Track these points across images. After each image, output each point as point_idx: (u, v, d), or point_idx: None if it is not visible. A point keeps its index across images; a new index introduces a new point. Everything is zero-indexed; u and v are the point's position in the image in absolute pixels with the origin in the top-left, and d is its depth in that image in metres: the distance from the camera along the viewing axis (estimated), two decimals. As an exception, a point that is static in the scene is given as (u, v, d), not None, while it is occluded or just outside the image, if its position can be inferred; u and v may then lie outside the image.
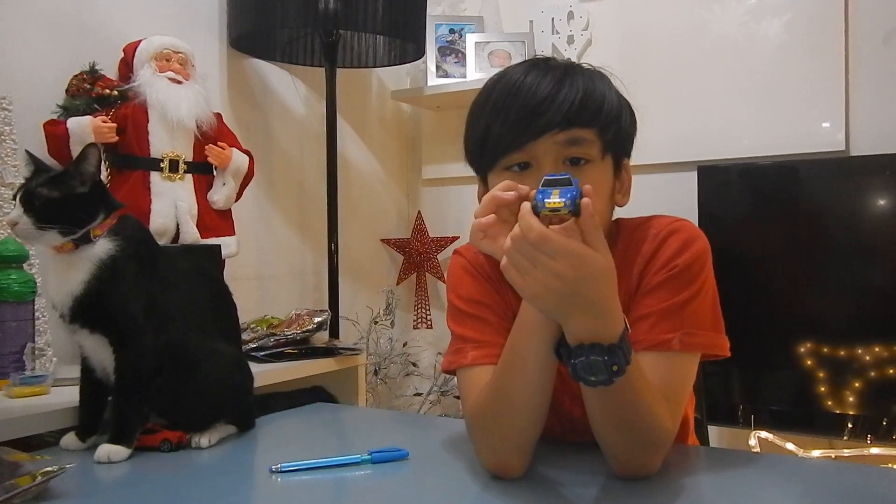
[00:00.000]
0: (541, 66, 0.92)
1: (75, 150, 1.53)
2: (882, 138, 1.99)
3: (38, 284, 1.35)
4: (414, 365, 2.49)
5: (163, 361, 1.06)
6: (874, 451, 1.55)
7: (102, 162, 1.57)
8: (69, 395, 1.22)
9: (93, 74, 1.63)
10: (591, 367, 0.75)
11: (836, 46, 2.03)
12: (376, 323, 2.34)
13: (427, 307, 2.66)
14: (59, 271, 1.02)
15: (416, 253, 2.64)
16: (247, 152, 1.76)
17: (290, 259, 2.26)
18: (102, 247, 1.02)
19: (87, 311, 1.02)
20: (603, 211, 0.94)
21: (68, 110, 1.58)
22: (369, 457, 0.99)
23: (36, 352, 1.32)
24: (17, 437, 1.06)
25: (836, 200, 1.95)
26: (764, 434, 1.63)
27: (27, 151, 1.08)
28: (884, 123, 1.99)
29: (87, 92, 1.61)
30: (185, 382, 1.08)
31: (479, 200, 1.04)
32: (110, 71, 1.68)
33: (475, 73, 2.40)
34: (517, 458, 0.90)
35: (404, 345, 2.54)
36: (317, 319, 1.65)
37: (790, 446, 1.62)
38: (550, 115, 0.88)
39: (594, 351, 0.75)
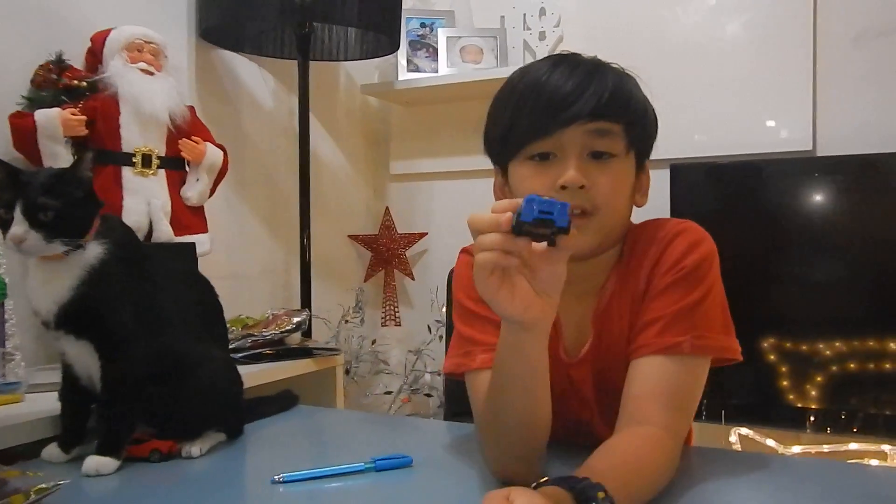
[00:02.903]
0: (569, 60, 0.92)
1: (43, 144, 1.46)
2: (848, 139, 2.05)
3: (6, 286, 1.28)
4: (385, 363, 2.47)
5: (153, 368, 1.01)
6: (853, 446, 1.59)
7: (73, 156, 1.50)
8: (46, 403, 1.17)
9: (59, 65, 1.56)
10: None
11: (804, 47, 2.08)
12: (346, 322, 2.30)
13: (395, 304, 2.64)
14: (43, 277, 0.97)
15: (385, 249, 2.61)
16: (220, 147, 1.71)
17: (260, 257, 2.21)
18: (92, 251, 0.97)
19: (74, 317, 0.97)
20: (622, 207, 0.94)
21: (34, 102, 1.50)
22: (373, 464, 0.96)
23: (6, 357, 1.26)
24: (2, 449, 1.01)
25: (802, 200, 2.00)
26: (744, 431, 1.66)
27: None
28: (850, 124, 2.05)
29: (54, 83, 1.54)
30: (176, 389, 1.04)
31: (496, 194, 1.03)
32: (76, 61, 1.61)
33: (447, 68, 2.39)
34: (521, 466, 0.88)
35: (373, 343, 2.51)
36: (296, 319, 1.61)
37: (770, 443, 1.66)
38: (580, 105, 0.88)
39: None
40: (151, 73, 1.58)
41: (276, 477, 0.92)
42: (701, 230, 0.96)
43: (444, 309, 2.38)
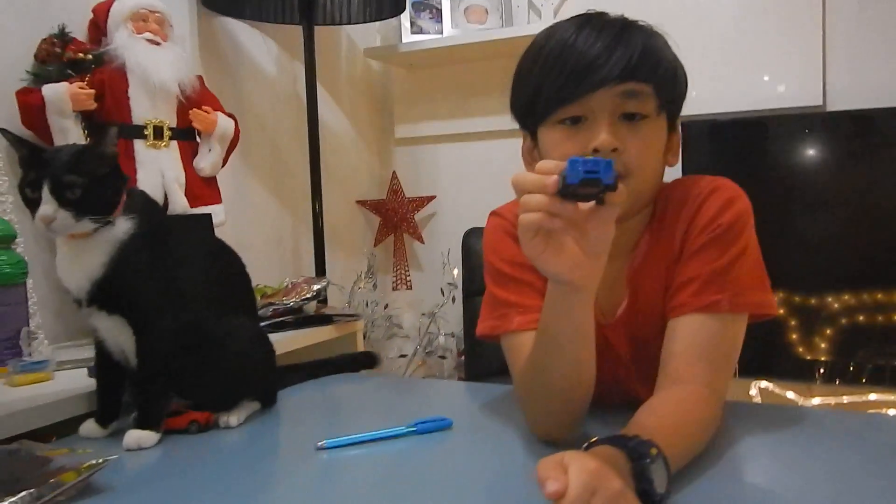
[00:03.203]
0: (595, 21, 0.90)
1: (52, 120, 1.44)
2: (859, 94, 2.02)
3: (27, 265, 1.27)
4: (399, 327, 2.47)
5: (185, 340, 1.01)
6: (873, 397, 1.61)
7: (82, 130, 1.48)
8: (75, 380, 1.17)
9: (63, 38, 1.53)
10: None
11: (813, 1, 2.05)
12: (360, 287, 2.30)
13: (406, 268, 2.63)
14: (73, 255, 0.96)
15: (393, 214, 2.60)
16: (231, 116, 1.69)
17: (268, 225, 2.19)
18: (121, 227, 0.96)
19: (106, 293, 0.96)
20: (655, 169, 0.93)
21: (40, 77, 1.47)
22: (414, 427, 0.97)
23: (30, 335, 1.26)
24: (32, 429, 1.01)
25: (812, 155, 1.99)
26: (764, 384, 1.67)
27: (6, 131, 0.98)
28: (860, 79, 2.03)
29: (59, 57, 1.51)
30: (209, 361, 1.04)
31: (524, 158, 1.02)
32: (79, 34, 1.58)
33: (451, 29, 2.35)
34: (563, 428, 0.89)
35: (385, 307, 2.52)
36: (315, 287, 1.61)
37: (790, 395, 1.67)
38: (609, 67, 0.86)
39: None
40: (158, 44, 1.56)
41: (319, 444, 0.93)
42: (735, 187, 0.95)
43: (455, 271, 2.39)
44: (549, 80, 0.90)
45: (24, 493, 0.75)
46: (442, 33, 2.36)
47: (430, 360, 2.46)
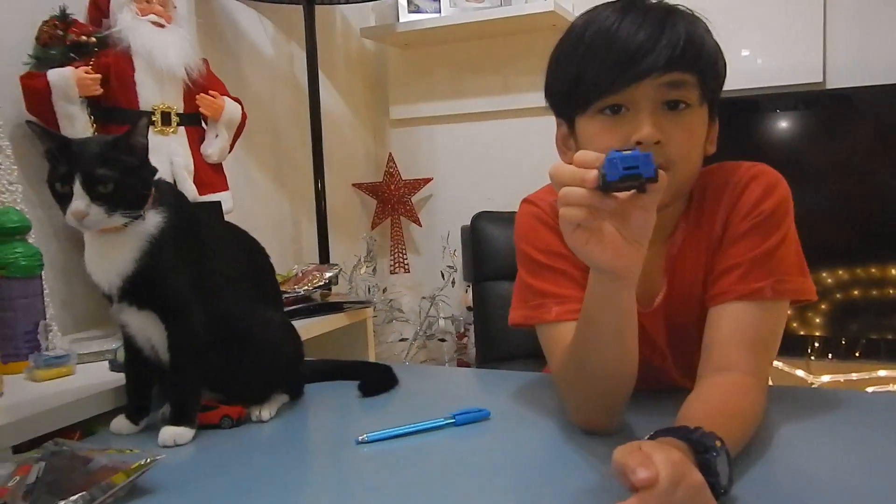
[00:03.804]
0: (638, 7, 0.88)
1: (58, 105, 1.40)
2: (859, 71, 2.04)
3: (41, 256, 1.24)
4: (399, 311, 2.47)
5: (218, 334, 1.00)
6: (882, 373, 1.64)
7: (88, 116, 1.44)
8: (98, 375, 1.15)
9: (64, 20, 1.48)
10: None
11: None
12: (361, 271, 2.29)
13: (403, 251, 2.62)
14: (103, 250, 0.94)
15: (390, 196, 2.58)
16: (236, 100, 1.65)
17: (268, 209, 2.17)
18: (152, 221, 0.94)
19: (138, 289, 0.94)
20: (696, 161, 0.92)
21: (43, 61, 1.43)
22: (453, 419, 0.97)
23: (47, 329, 1.23)
24: (66, 426, 1.00)
25: (809, 132, 2.01)
26: (774, 363, 1.69)
27: (34, 123, 0.95)
28: (861, 56, 2.04)
29: (61, 40, 1.46)
30: (241, 354, 1.03)
31: (559, 146, 1.00)
32: (79, 15, 1.53)
33: (449, 8, 2.32)
34: (604, 417, 0.90)
35: (384, 290, 2.51)
36: (327, 274, 1.60)
37: (800, 373, 1.70)
38: (653, 58, 0.84)
39: None
40: (162, 26, 1.51)
41: (360, 437, 0.92)
42: (775, 173, 0.95)
43: (455, 253, 2.38)
44: (591, 69, 0.88)
45: (77, 497, 0.74)
46: (440, 12, 2.34)
47: (431, 343, 2.46)
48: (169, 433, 0.95)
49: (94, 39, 1.47)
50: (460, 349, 2.41)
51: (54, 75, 1.38)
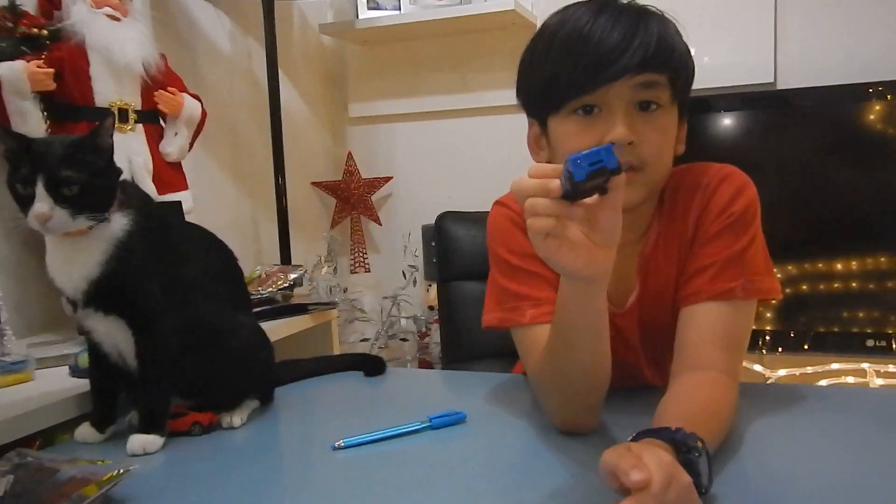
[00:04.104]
0: (611, 7, 0.89)
1: (9, 101, 1.34)
2: (811, 71, 2.10)
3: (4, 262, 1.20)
4: (361, 311, 2.45)
5: (188, 339, 0.97)
6: (835, 366, 1.69)
7: (41, 113, 1.39)
8: (57, 381, 1.12)
9: (13, 11, 1.42)
10: None
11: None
12: (322, 271, 2.26)
13: (364, 251, 2.60)
14: (67, 254, 0.90)
15: (350, 195, 2.56)
16: (196, 97, 1.61)
17: (226, 208, 2.12)
18: (118, 223, 0.91)
19: (104, 294, 0.91)
20: (668, 159, 0.93)
21: (-8, 54, 1.37)
22: (429, 423, 0.96)
23: (3, 333, 1.18)
24: (26, 435, 0.96)
25: (758, 131, 2.06)
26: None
27: None
28: (811, 57, 2.10)
29: (11, 32, 1.40)
30: (213, 359, 1.00)
31: (531, 145, 1.00)
32: (29, 7, 1.47)
33: (409, 5, 2.31)
34: (583, 417, 0.90)
35: (345, 290, 2.48)
36: (292, 276, 1.57)
37: (758, 368, 1.74)
38: (627, 58, 0.85)
39: None
40: (118, 19, 1.47)
41: (337, 443, 0.91)
42: (743, 175, 0.97)
43: (416, 252, 2.37)
44: (565, 69, 0.89)
45: (48, 511, 0.71)
46: (399, 9, 2.32)
47: (392, 343, 2.45)
48: (138, 441, 0.93)
49: (45, 32, 1.42)
50: (422, 349, 2.40)
51: (4, 69, 1.32)
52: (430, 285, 2.36)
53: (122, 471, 0.78)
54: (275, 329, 1.51)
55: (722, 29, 2.16)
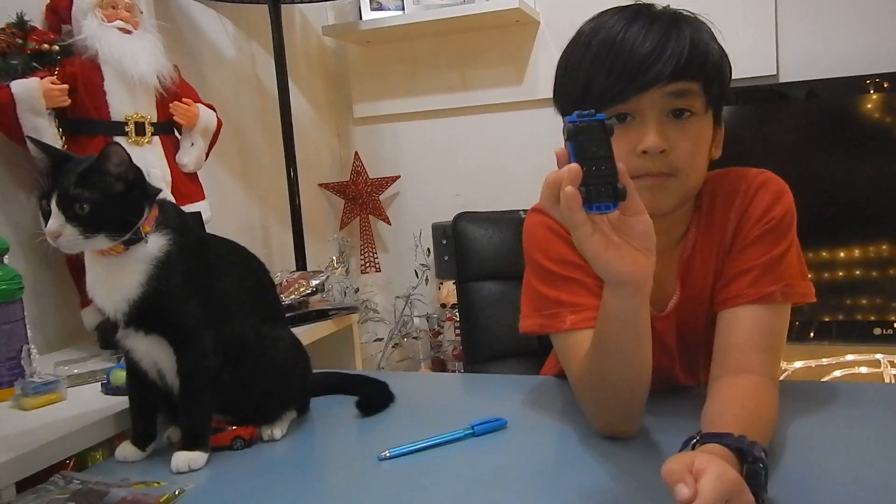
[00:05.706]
0: (644, 14, 0.89)
1: (24, 118, 1.34)
2: (813, 64, 2.10)
3: (21, 279, 1.19)
4: (374, 311, 2.45)
5: (229, 355, 0.97)
6: (850, 357, 1.69)
7: (56, 129, 1.38)
8: (90, 400, 1.11)
9: (22, 27, 1.42)
10: None
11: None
12: (336, 273, 2.26)
13: (374, 251, 2.60)
14: (107, 274, 0.90)
15: (358, 196, 2.56)
16: (210, 106, 1.61)
17: (238, 214, 2.12)
18: (155, 243, 0.90)
19: (146, 314, 0.91)
20: (702, 167, 0.94)
21: (3, 71, 1.36)
22: (471, 430, 0.96)
23: (30, 353, 1.18)
24: (67, 457, 0.96)
25: (762, 125, 2.06)
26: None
27: (31, 138, 0.91)
28: (814, 49, 2.10)
29: (21, 48, 1.40)
30: (253, 373, 1.00)
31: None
32: (36, 22, 1.46)
33: (413, 5, 2.30)
34: (625, 421, 0.90)
35: (356, 291, 2.48)
36: (314, 282, 1.57)
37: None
38: (659, 67, 0.85)
39: None
40: (129, 32, 1.46)
41: (383, 453, 0.91)
42: (780, 180, 0.98)
43: (427, 251, 2.37)
44: (599, 78, 0.89)
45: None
46: (403, 10, 2.31)
47: (405, 342, 2.45)
48: (183, 458, 0.92)
49: (56, 48, 1.41)
50: (435, 347, 2.40)
51: (18, 87, 1.32)
52: (441, 283, 2.37)
53: (178, 491, 0.78)
54: (302, 336, 1.51)
55: (724, 22, 2.14)
